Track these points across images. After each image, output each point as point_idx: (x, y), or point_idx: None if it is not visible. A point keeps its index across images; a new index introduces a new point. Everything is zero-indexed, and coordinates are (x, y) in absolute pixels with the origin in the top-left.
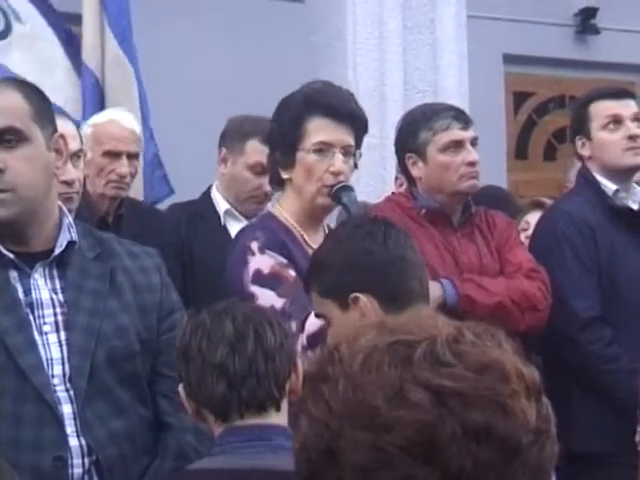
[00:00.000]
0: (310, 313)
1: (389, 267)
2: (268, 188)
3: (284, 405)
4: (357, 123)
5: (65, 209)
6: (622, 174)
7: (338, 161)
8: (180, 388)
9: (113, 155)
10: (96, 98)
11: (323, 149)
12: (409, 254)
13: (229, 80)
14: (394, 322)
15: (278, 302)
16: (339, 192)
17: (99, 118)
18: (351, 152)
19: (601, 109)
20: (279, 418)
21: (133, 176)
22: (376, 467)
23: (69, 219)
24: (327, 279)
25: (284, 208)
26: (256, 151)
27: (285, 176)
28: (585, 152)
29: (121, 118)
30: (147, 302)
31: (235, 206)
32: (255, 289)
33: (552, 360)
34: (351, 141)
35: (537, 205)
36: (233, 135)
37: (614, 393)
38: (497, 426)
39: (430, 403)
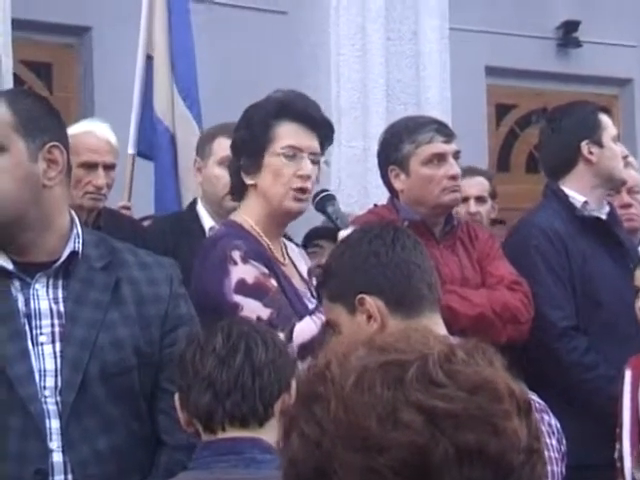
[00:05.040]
0: (294, 324)
1: (396, 269)
2: None
3: (272, 424)
4: (326, 131)
5: (77, 219)
6: (615, 186)
7: (307, 165)
8: (176, 397)
9: (89, 166)
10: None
11: (292, 153)
12: (418, 259)
13: (211, 90)
14: (384, 339)
15: (264, 312)
16: (323, 201)
17: (75, 129)
18: (317, 160)
19: (610, 122)
20: (262, 434)
21: (110, 187)
22: None
23: (78, 229)
24: (336, 283)
25: (248, 215)
26: (224, 147)
27: (250, 182)
28: (592, 157)
29: (97, 129)
30: (150, 314)
31: (218, 212)
32: (239, 299)
33: (533, 373)
34: (318, 149)
35: None
36: (202, 142)
37: (594, 400)
38: (489, 447)
39: (422, 424)
